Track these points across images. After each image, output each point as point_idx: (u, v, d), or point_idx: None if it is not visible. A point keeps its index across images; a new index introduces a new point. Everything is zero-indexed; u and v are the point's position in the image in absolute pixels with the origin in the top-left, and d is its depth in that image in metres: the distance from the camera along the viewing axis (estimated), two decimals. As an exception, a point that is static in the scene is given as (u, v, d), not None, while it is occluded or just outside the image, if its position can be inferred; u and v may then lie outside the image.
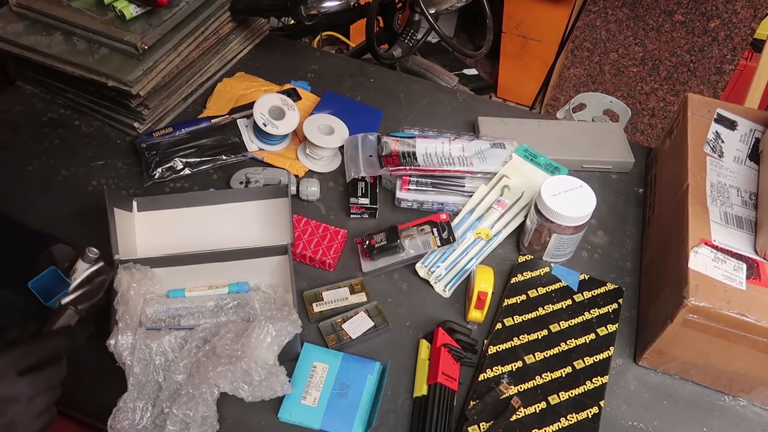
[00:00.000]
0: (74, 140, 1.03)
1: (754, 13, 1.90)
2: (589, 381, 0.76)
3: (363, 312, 0.82)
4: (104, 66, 0.97)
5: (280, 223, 0.83)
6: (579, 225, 0.82)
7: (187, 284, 0.80)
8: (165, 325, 0.75)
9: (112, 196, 0.78)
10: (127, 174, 0.99)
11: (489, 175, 0.95)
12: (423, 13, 1.26)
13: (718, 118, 0.91)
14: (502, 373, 0.76)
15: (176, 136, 1.01)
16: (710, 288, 0.69)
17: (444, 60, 2.50)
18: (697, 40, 2.02)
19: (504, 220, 0.92)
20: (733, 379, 0.76)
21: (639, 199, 1.01)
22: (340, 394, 0.73)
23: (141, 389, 0.69)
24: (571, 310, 0.83)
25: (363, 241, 0.88)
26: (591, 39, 2.17)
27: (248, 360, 0.67)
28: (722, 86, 2.09)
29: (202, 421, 0.66)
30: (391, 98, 1.15)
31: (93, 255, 0.72)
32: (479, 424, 0.71)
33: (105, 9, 1.01)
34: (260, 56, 1.22)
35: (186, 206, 0.85)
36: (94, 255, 0.72)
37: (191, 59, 1.07)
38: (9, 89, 1.11)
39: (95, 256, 0.72)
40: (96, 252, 0.72)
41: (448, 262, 0.88)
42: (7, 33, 1.01)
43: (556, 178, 0.83)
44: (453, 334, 0.79)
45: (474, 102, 1.17)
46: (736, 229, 0.77)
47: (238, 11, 1.14)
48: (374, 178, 0.96)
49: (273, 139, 1.02)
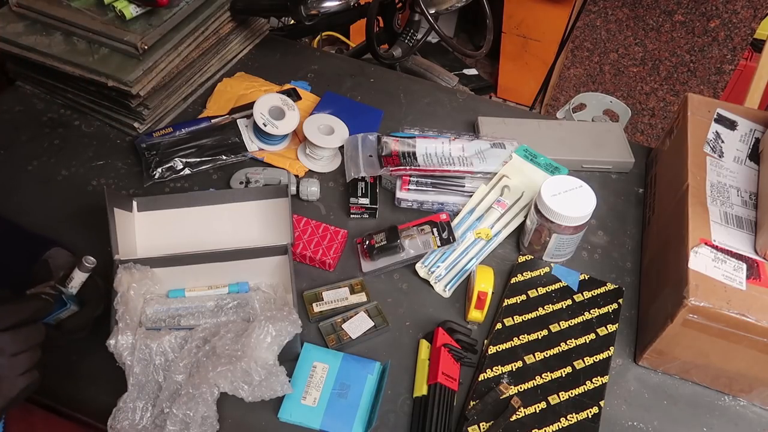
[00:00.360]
0: (74, 140, 1.03)
1: (754, 13, 1.90)
2: (589, 381, 0.76)
3: (363, 312, 0.82)
4: (104, 66, 0.97)
5: (280, 223, 0.83)
6: (579, 225, 0.82)
7: (187, 284, 0.80)
8: (165, 325, 0.75)
9: (112, 196, 0.77)
10: (127, 174, 0.99)
11: (489, 175, 0.95)
12: (423, 13, 1.26)
13: (718, 118, 0.91)
14: (502, 373, 0.76)
15: (176, 136, 1.01)
16: (710, 288, 0.69)
17: (444, 60, 2.50)
18: (697, 40, 2.02)
19: (504, 220, 0.92)
20: (733, 379, 0.76)
21: (639, 199, 1.01)
22: (340, 394, 0.73)
23: (141, 389, 0.69)
24: (571, 310, 0.83)
25: (363, 241, 0.88)
26: (591, 39, 2.17)
27: (248, 360, 0.67)
28: (722, 86, 2.09)
29: (202, 421, 0.66)
30: (391, 98, 1.15)
31: (90, 264, 0.69)
32: (479, 424, 0.71)
33: (105, 9, 1.01)
34: (260, 56, 1.22)
35: (186, 206, 0.84)
36: (90, 264, 0.69)
37: (191, 59, 1.07)
38: (9, 89, 1.11)
39: (92, 265, 0.69)
40: (93, 261, 0.69)
41: (448, 262, 0.88)
42: (7, 33, 1.01)
43: (556, 178, 0.83)
44: (453, 334, 0.79)
45: (474, 102, 1.17)
46: (736, 229, 0.77)
47: (238, 11, 1.14)
48: (374, 178, 0.96)
49: (273, 139, 1.02)
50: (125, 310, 0.71)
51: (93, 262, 0.69)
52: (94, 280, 0.72)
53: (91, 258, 0.69)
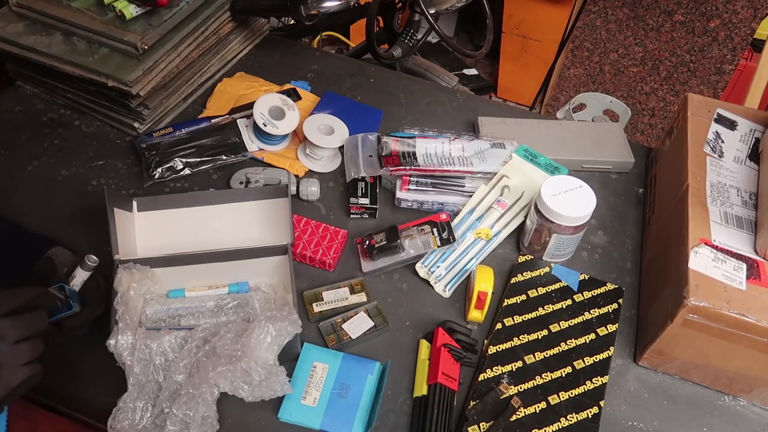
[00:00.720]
0: (74, 140, 1.03)
1: (754, 13, 1.90)
2: (589, 381, 0.76)
3: (363, 312, 0.82)
4: (104, 66, 0.97)
5: (280, 223, 0.83)
6: (579, 225, 0.82)
7: (187, 284, 0.80)
8: (165, 325, 0.75)
9: (112, 196, 0.77)
10: (127, 174, 0.99)
11: (489, 175, 0.95)
12: (423, 13, 1.26)
13: (718, 118, 0.91)
14: (502, 373, 0.76)
15: (176, 136, 1.01)
16: (710, 288, 0.69)
17: (444, 60, 2.50)
18: (697, 40, 2.02)
19: (504, 220, 0.92)
20: (733, 379, 0.76)
21: (639, 199, 1.01)
22: (340, 394, 0.73)
23: (141, 389, 0.69)
24: (571, 310, 0.83)
25: (363, 241, 0.88)
26: (591, 39, 2.17)
27: (248, 360, 0.67)
28: (722, 86, 2.09)
29: (202, 421, 0.66)
30: (391, 98, 1.15)
31: (92, 263, 0.69)
32: (479, 424, 0.71)
33: (105, 9, 1.01)
34: (260, 56, 1.22)
35: (186, 206, 0.84)
36: (93, 263, 0.69)
37: (191, 59, 1.07)
38: (9, 89, 1.11)
39: (94, 264, 0.69)
40: (95, 260, 0.69)
41: (448, 262, 0.88)
42: (7, 33, 1.01)
43: (556, 178, 0.83)
44: (453, 334, 0.79)
45: (474, 102, 1.17)
46: (736, 229, 0.77)
47: (238, 11, 1.14)
48: (374, 178, 0.96)
49: (273, 139, 1.02)
50: (125, 310, 0.71)
51: (95, 260, 0.69)
52: (96, 280, 0.72)
53: (94, 257, 0.69)
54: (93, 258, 0.69)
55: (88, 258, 0.69)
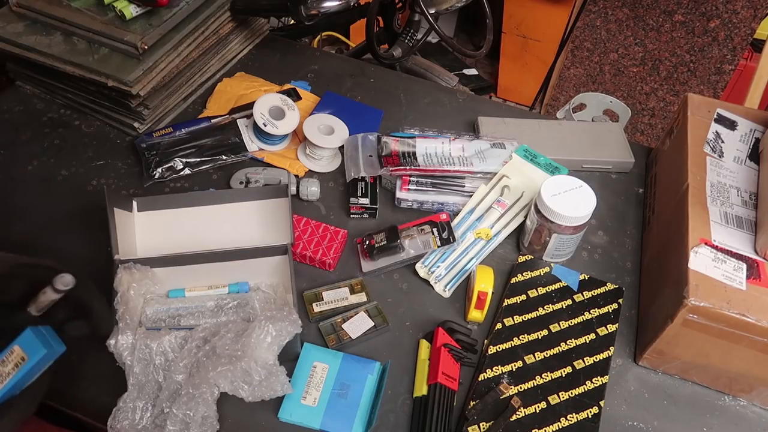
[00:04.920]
0: (74, 140, 1.03)
1: (754, 13, 1.90)
2: (589, 381, 0.76)
3: (363, 312, 0.82)
4: (104, 66, 0.97)
5: (280, 223, 0.83)
6: (579, 225, 0.82)
7: (187, 284, 0.80)
8: (165, 325, 0.75)
9: (112, 196, 0.77)
10: (127, 174, 0.99)
11: (489, 175, 0.95)
12: (423, 13, 1.26)
13: (718, 118, 0.91)
14: (502, 373, 0.76)
15: (176, 136, 1.01)
16: (710, 288, 0.69)
17: (444, 60, 2.50)
18: (697, 40, 2.02)
19: (504, 220, 0.92)
20: (733, 379, 0.76)
21: (639, 199, 1.01)
22: (340, 394, 0.73)
23: (141, 389, 0.69)
24: (571, 310, 0.83)
25: (363, 241, 0.88)
26: (591, 39, 2.17)
27: (248, 360, 0.67)
28: (722, 86, 2.09)
29: (202, 421, 0.66)
30: (391, 98, 1.15)
31: (63, 287, 0.55)
32: (479, 424, 0.71)
33: (105, 9, 1.01)
34: (260, 56, 1.22)
35: (186, 206, 0.85)
36: (64, 286, 0.55)
37: (191, 59, 1.07)
38: (9, 89, 1.11)
39: (66, 287, 0.55)
40: (69, 282, 0.55)
41: (448, 262, 0.88)
42: (7, 33, 1.01)
43: (556, 178, 0.83)
44: (453, 334, 0.79)
45: (474, 102, 1.17)
46: (736, 229, 0.77)
47: (238, 11, 1.14)
48: (374, 178, 0.96)
49: (273, 139, 1.02)
50: (125, 310, 0.71)
51: (68, 283, 0.55)
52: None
53: (69, 276, 0.55)
54: (68, 279, 0.54)
55: (62, 280, 0.54)
